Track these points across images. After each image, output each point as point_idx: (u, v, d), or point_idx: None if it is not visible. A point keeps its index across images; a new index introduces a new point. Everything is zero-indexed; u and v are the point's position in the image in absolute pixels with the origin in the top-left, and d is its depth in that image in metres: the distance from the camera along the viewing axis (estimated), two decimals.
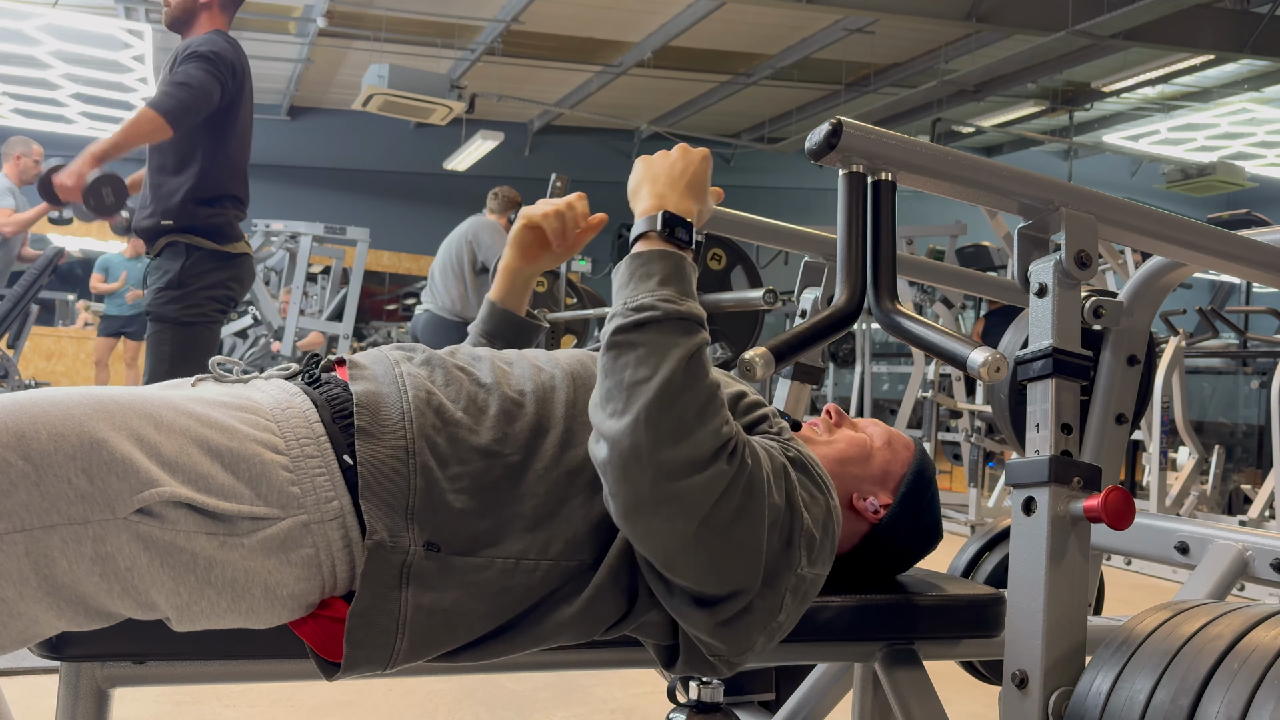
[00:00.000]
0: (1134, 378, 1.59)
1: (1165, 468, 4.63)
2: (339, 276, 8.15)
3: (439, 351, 1.10)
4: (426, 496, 0.95)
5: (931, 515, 1.27)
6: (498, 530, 0.97)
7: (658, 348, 0.95)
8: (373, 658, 0.93)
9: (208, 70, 2.83)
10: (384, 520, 0.92)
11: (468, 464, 0.98)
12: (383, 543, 0.92)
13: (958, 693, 2.04)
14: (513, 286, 1.42)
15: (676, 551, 0.96)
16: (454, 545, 0.95)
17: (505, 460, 1.00)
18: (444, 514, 0.95)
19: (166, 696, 2.19)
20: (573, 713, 2.25)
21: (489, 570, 0.96)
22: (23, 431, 0.82)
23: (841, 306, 1.08)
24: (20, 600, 0.82)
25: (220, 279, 2.96)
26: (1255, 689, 0.86)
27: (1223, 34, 8.80)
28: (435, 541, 0.94)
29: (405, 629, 0.93)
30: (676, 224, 1.05)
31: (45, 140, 6.03)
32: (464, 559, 0.95)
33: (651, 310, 0.97)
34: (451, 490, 0.96)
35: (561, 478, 1.01)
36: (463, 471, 0.97)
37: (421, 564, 0.93)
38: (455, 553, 0.95)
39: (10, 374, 5.85)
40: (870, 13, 8.53)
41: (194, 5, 2.95)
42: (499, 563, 0.96)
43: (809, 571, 1.05)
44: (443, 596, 0.94)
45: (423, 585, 0.93)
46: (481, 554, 0.96)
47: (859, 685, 1.39)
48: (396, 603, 0.92)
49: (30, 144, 5.76)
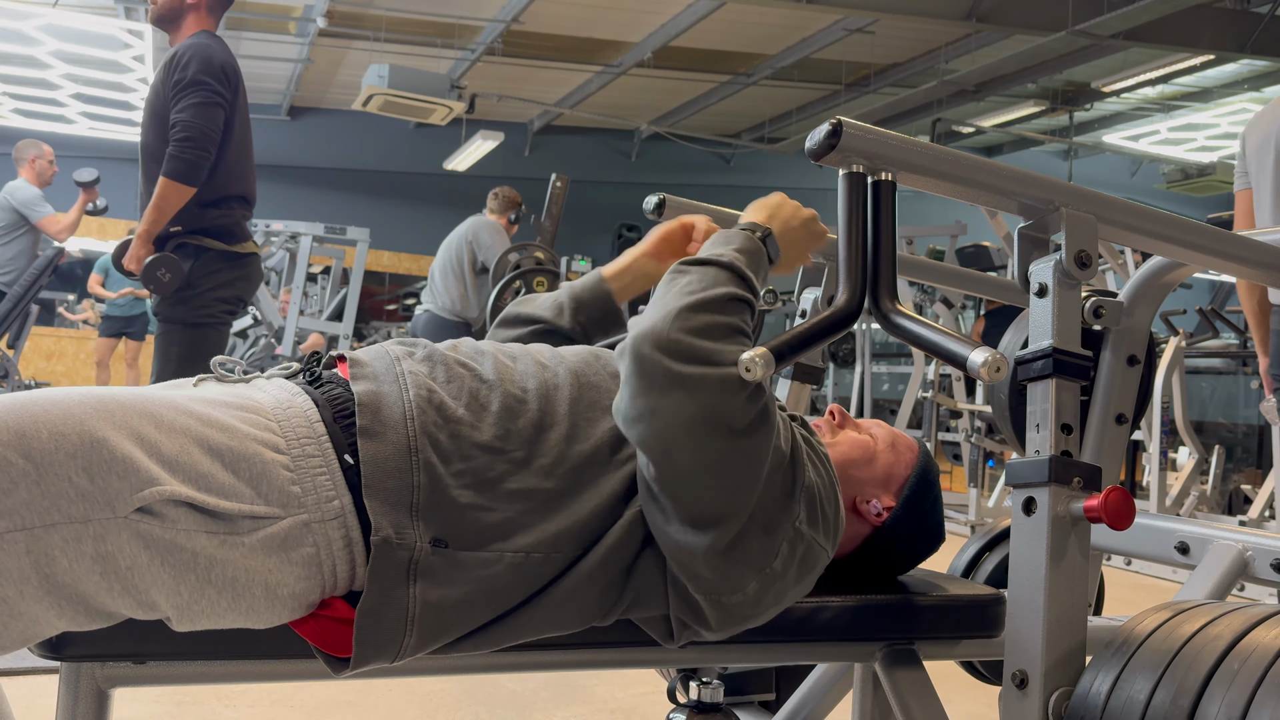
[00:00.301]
0: (1134, 378, 1.59)
1: (1165, 468, 4.64)
2: (339, 276, 8.15)
3: (440, 346, 1.10)
4: (431, 493, 0.95)
5: (934, 519, 1.27)
6: (505, 524, 0.97)
7: (710, 279, 1.05)
8: (381, 653, 0.93)
9: (205, 101, 2.83)
10: (389, 517, 0.93)
11: (471, 460, 0.98)
12: (389, 539, 0.92)
13: (958, 693, 2.04)
14: (634, 280, 1.40)
15: (678, 437, 0.96)
16: (461, 540, 0.95)
17: (509, 456, 1.00)
18: (449, 510, 0.95)
19: (166, 696, 2.19)
20: (573, 713, 2.25)
21: (498, 565, 0.96)
22: (24, 430, 0.82)
23: (842, 306, 1.08)
24: (21, 600, 0.82)
25: (229, 279, 2.96)
26: (1255, 689, 0.86)
27: (1223, 34, 8.80)
28: (442, 537, 0.94)
29: (414, 624, 0.93)
30: (771, 248, 1.18)
31: (45, 140, 6.04)
32: (472, 554, 0.95)
33: (718, 259, 1.08)
34: (456, 486, 0.96)
35: (568, 473, 1.01)
36: (466, 468, 0.98)
37: (429, 560, 0.93)
38: (463, 548, 0.95)
39: (10, 374, 5.85)
40: (870, 13, 8.53)
41: (181, 5, 2.95)
42: (508, 557, 0.96)
43: (808, 531, 1.07)
44: (452, 591, 0.94)
45: (431, 581, 0.93)
46: (490, 548, 0.96)
47: (859, 685, 1.39)
48: (404, 599, 0.92)
49: (40, 145, 5.80)
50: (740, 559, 1.01)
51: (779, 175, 13.59)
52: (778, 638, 1.17)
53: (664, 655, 1.15)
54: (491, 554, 0.96)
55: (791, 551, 1.05)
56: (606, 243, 11.88)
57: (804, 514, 1.06)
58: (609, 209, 12.36)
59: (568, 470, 1.02)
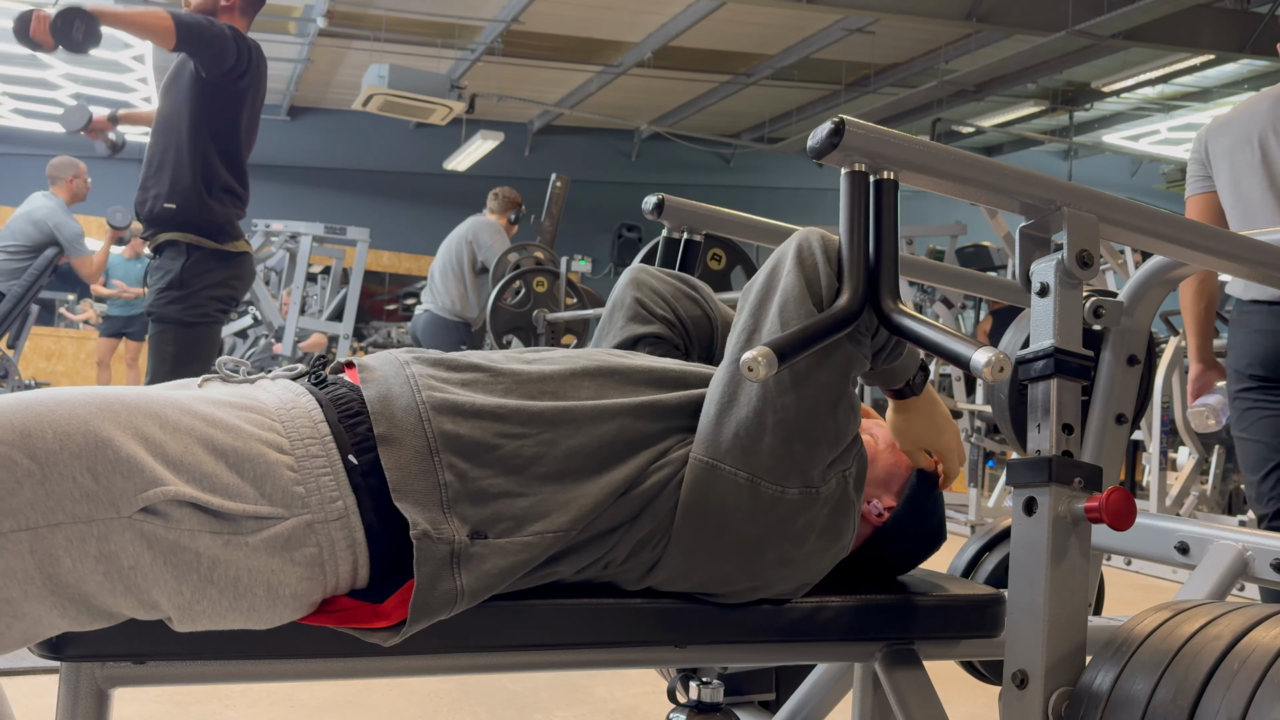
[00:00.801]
0: (1134, 378, 1.59)
1: (1165, 468, 4.64)
2: (339, 276, 8.15)
3: (451, 355, 1.11)
4: (460, 489, 0.96)
5: (935, 518, 1.28)
6: (539, 505, 0.99)
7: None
8: (434, 618, 0.94)
9: (228, 32, 2.87)
10: (424, 515, 0.94)
11: (495, 450, 0.99)
12: (427, 533, 0.93)
13: (958, 693, 2.05)
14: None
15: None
16: (499, 529, 0.97)
17: (533, 439, 1.01)
18: (481, 502, 0.97)
19: (166, 696, 2.19)
20: (573, 713, 2.25)
21: (538, 546, 0.98)
22: (28, 430, 0.82)
23: (843, 306, 1.08)
24: (25, 600, 0.82)
25: (222, 278, 2.97)
26: (1255, 689, 0.86)
27: (1223, 34, 8.80)
28: (480, 529, 0.96)
29: (463, 596, 0.94)
30: None
31: (45, 140, 6.05)
32: (512, 540, 0.97)
33: None
34: (485, 477, 0.98)
35: (595, 451, 1.03)
36: (491, 458, 0.99)
37: (469, 550, 0.95)
38: (502, 535, 0.96)
39: (10, 374, 5.86)
40: (870, 13, 8.54)
41: (214, 6, 2.96)
42: (548, 538, 0.98)
43: (852, 490, 1.11)
44: (499, 562, 0.96)
45: (474, 566, 0.95)
46: (529, 531, 0.97)
47: (859, 685, 1.39)
48: (452, 581, 0.94)
49: (77, 165, 5.86)
50: (800, 455, 1.04)
51: (779, 175, 13.59)
52: (778, 638, 1.17)
53: (664, 655, 1.15)
54: (533, 538, 0.97)
55: (835, 493, 1.08)
56: (606, 243, 11.88)
57: (855, 471, 1.09)
58: (609, 209, 12.36)
59: (596, 447, 1.03)
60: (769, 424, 1.03)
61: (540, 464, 1.00)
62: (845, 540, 1.13)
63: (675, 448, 1.07)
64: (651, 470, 1.05)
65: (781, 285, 1.09)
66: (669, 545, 1.05)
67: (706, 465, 1.04)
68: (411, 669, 1.03)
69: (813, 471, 1.06)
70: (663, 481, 1.05)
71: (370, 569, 0.95)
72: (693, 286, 1.42)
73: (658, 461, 1.05)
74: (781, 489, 1.04)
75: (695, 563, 1.06)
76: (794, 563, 1.09)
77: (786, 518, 1.05)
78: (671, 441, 1.07)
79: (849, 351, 1.07)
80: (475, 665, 1.09)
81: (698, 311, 1.40)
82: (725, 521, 1.04)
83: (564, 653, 1.10)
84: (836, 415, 1.06)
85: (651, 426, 1.07)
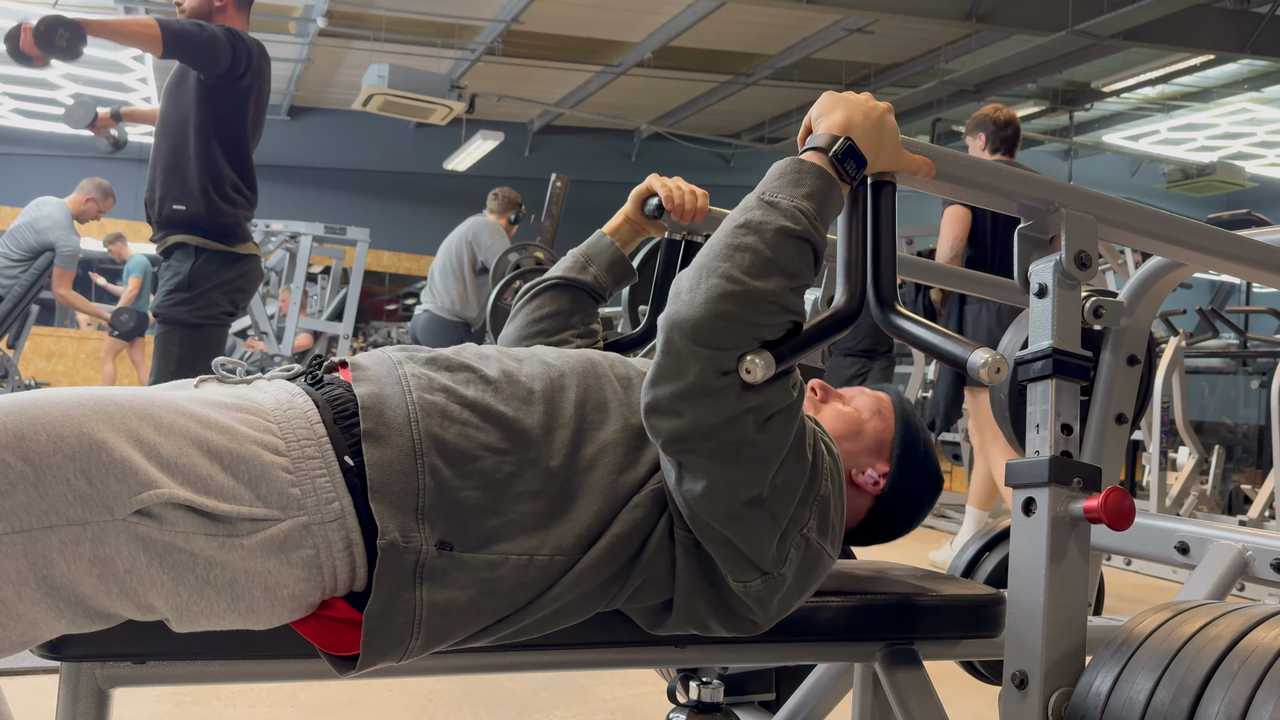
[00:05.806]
0: (1134, 378, 1.59)
1: (1165, 468, 4.63)
2: (339, 276, 8.15)
3: (444, 350, 1.10)
4: (436, 496, 0.95)
5: (929, 469, 1.28)
6: (509, 526, 0.97)
7: (762, 252, 0.98)
8: (388, 654, 0.93)
9: (223, 33, 2.86)
10: (395, 520, 0.92)
11: (476, 461, 0.98)
12: (395, 543, 0.92)
13: (958, 693, 2.05)
14: (630, 236, 1.66)
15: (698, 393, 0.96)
16: (466, 542, 0.95)
17: (515, 457, 1.00)
18: (455, 512, 0.95)
19: (166, 696, 2.19)
20: (573, 713, 2.25)
21: (503, 567, 0.96)
22: (22, 432, 0.82)
23: (842, 307, 1.08)
24: (19, 602, 0.82)
25: (230, 280, 2.98)
26: (1255, 689, 0.86)
27: (1223, 34, 8.80)
28: (447, 540, 0.94)
29: (421, 627, 0.93)
30: (851, 157, 1.06)
31: (45, 140, 6.04)
32: (477, 555, 0.95)
33: (780, 213, 1.00)
34: (462, 488, 0.96)
35: (574, 476, 1.02)
36: (471, 469, 0.98)
37: (435, 563, 0.93)
38: (468, 549, 0.95)
39: (10, 374, 5.86)
40: (870, 13, 8.53)
41: (209, 7, 2.96)
42: (513, 559, 0.97)
43: (816, 539, 1.07)
44: (459, 595, 0.94)
45: (437, 583, 0.93)
46: (494, 549, 0.96)
47: (859, 685, 1.39)
48: (412, 602, 0.92)
49: (108, 195, 5.83)
50: (756, 522, 1.01)
51: None
52: (778, 638, 1.17)
53: (664, 655, 1.15)
54: (496, 556, 0.96)
55: (799, 559, 1.06)
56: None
57: (815, 522, 1.07)
58: (609, 209, 12.24)
59: (575, 472, 1.02)
60: (714, 539, 1.02)
61: (518, 483, 0.99)
62: (821, 573, 1.12)
63: (652, 481, 1.05)
64: (633, 499, 1.03)
65: None
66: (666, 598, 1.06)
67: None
68: (411, 669, 1.03)
69: (765, 559, 1.04)
70: (638, 521, 1.03)
71: (368, 570, 0.95)
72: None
73: (634, 498, 1.03)
74: (744, 584, 1.04)
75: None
76: (786, 610, 1.10)
77: (758, 599, 1.06)
78: (646, 471, 1.05)
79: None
80: (475, 665, 1.09)
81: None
82: (708, 598, 1.06)
83: (564, 653, 1.11)
84: (768, 505, 1.03)
85: (629, 458, 1.05)
